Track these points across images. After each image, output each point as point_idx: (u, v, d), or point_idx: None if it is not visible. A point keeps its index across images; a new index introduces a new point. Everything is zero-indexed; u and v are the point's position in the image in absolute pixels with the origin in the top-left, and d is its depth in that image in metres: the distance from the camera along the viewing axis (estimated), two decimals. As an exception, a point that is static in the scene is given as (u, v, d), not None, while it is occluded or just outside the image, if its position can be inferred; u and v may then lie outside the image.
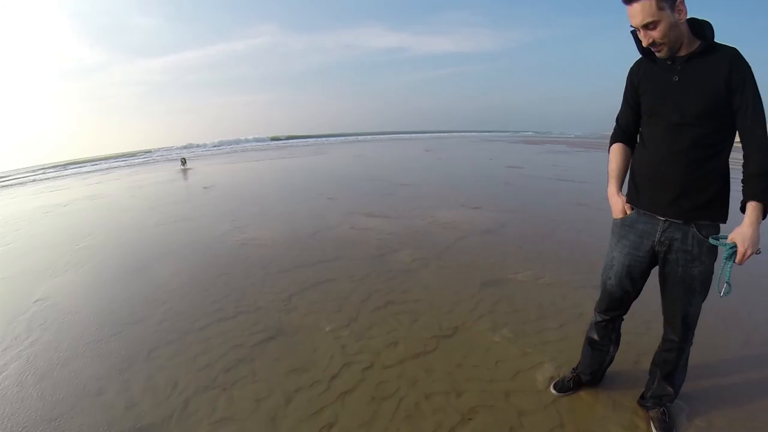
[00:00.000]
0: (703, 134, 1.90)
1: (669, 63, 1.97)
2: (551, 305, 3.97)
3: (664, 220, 2.06)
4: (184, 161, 20.30)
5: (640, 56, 2.13)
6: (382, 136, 60.60)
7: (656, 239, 2.11)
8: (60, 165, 29.46)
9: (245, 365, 3.13)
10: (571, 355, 3.01)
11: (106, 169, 23.36)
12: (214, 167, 19.10)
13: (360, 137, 58.49)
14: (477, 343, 3.35)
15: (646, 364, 2.55)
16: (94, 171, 22.66)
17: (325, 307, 4.03)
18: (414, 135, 64.57)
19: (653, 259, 2.19)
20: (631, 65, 2.19)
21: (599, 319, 2.53)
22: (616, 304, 2.41)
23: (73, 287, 4.78)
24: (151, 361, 3.22)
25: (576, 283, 4.47)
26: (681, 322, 2.21)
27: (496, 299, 4.09)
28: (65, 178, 19.75)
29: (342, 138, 54.47)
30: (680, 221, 2.02)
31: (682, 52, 1.93)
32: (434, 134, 70.13)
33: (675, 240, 2.06)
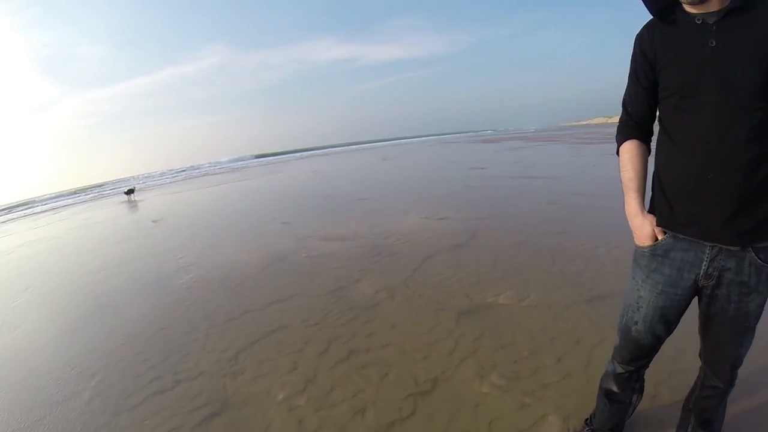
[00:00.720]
0: (763, 120, 1.30)
1: (698, 22, 1.37)
2: (543, 333, 3.36)
3: (712, 246, 1.45)
4: (130, 192, 19.33)
5: (650, 19, 1.54)
6: (338, 148, 60.59)
7: (702, 271, 1.50)
8: (8, 207, 28.87)
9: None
10: (579, 399, 2.47)
11: (55, 208, 22.42)
12: (165, 197, 18.18)
13: (316, 151, 58.47)
14: (463, 399, 2.68)
15: (667, 397, 2.18)
16: (42, 211, 21.88)
17: (278, 365, 3.31)
18: (371, 144, 64.78)
19: (694, 294, 1.59)
20: (639, 30, 1.59)
21: (621, 370, 1.91)
22: (643, 353, 1.79)
23: (3, 357, 4.21)
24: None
25: (565, 299, 3.89)
26: (730, 368, 1.68)
27: (478, 333, 3.45)
28: (13, 222, 19.01)
29: (297, 154, 54.20)
30: (737, 247, 1.42)
31: (714, 6, 1.34)
32: (391, 141, 70.30)
33: (727, 270, 1.46)
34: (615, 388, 1.96)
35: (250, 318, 4.21)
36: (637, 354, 1.80)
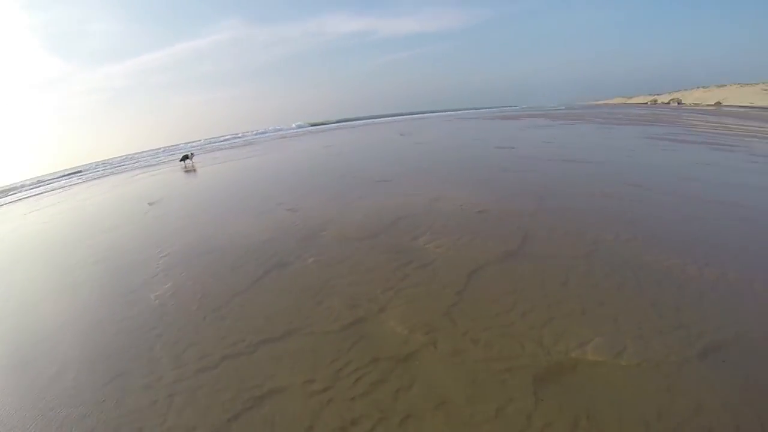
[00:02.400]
0: None
1: None
2: (660, 416, 2.25)
3: None
4: (185, 158, 19.45)
5: None
6: (353, 122, 59.20)
7: None
8: (23, 184, 28.64)
9: None
10: None
11: (61, 187, 21.36)
12: (170, 175, 16.98)
13: (330, 125, 57.14)
14: None
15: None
16: (48, 191, 20.82)
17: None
18: (386, 119, 63.35)
19: None
20: None
21: None
22: None
23: None
24: None
25: (673, 354, 2.77)
26: None
27: (571, 419, 2.31)
28: (14, 204, 17.98)
29: (312, 128, 52.86)
30: None
31: None
32: (407, 116, 68.62)
33: None
34: None
35: (232, 369, 3.06)
36: None
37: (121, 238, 7.19)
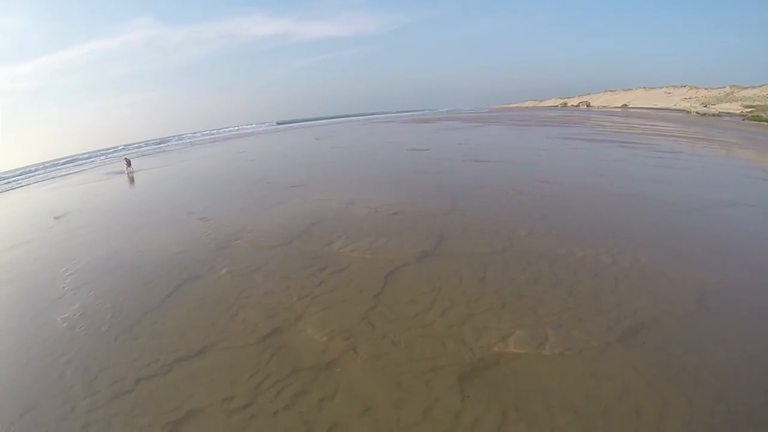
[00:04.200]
0: None
1: None
2: (588, 403, 2.32)
3: None
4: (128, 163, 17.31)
5: None
6: (269, 126, 58.31)
7: None
8: None
9: None
10: None
11: None
12: (78, 186, 15.56)
13: (246, 128, 56.02)
14: None
15: None
16: None
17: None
18: (303, 123, 62.90)
19: None
20: None
21: None
22: None
23: None
24: None
25: (594, 339, 2.86)
26: None
27: (499, 413, 2.31)
28: None
29: (226, 131, 51.39)
30: None
31: None
32: (324, 120, 68.46)
33: None
34: None
35: (148, 392, 2.77)
36: None
37: (25, 257, 6.47)
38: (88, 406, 2.72)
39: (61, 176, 22.65)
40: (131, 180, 14.07)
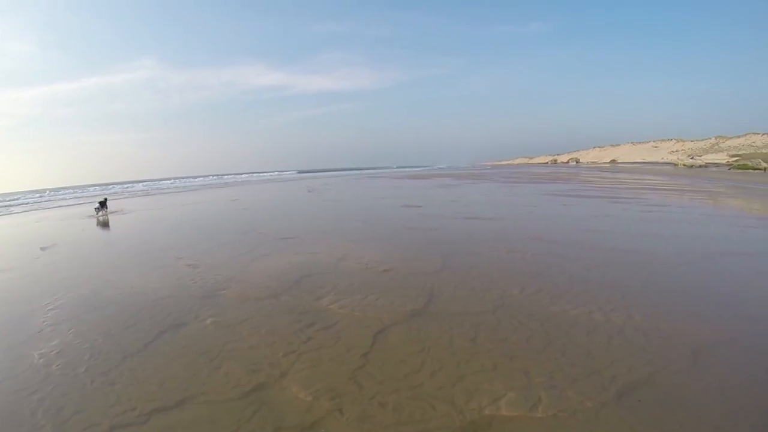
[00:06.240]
0: None
1: None
2: None
3: None
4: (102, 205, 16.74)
5: None
6: (263, 175, 59.20)
7: None
8: None
9: None
10: None
11: None
12: (68, 219, 15.51)
13: (239, 177, 56.81)
14: None
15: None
16: None
17: None
18: (297, 174, 64.00)
19: None
20: None
21: None
22: None
23: None
24: None
25: (589, 400, 2.82)
26: None
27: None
28: None
29: (218, 178, 52.15)
30: None
31: None
32: (318, 173, 69.65)
33: None
34: None
35: None
36: None
37: (6, 285, 6.45)
38: None
39: (52, 207, 22.64)
40: (104, 224, 13.94)
